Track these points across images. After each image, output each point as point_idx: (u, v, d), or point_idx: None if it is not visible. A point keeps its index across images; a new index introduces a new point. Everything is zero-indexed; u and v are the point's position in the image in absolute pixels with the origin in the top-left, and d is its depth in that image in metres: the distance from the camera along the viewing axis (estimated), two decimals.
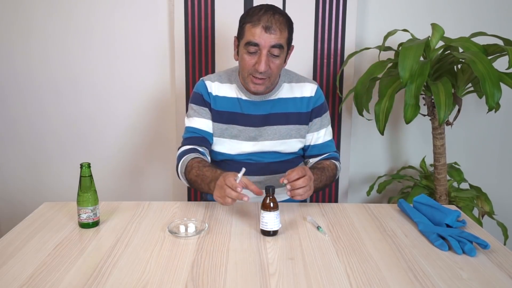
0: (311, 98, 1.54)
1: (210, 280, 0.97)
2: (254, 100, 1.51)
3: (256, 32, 1.36)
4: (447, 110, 1.62)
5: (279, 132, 1.53)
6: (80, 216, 1.23)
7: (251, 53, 1.39)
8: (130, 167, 2.28)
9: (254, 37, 1.36)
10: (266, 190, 1.19)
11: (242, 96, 1.52)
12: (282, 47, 1.38)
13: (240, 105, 1.52)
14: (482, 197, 2.05)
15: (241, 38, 1.42)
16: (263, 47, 1.36)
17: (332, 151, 1.61)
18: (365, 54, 2.10)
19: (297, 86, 1.55)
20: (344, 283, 0.97)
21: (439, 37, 1.73)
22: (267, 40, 1.36)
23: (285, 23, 1.39)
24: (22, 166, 2.29)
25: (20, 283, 0.96)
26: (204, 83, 1.53)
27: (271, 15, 1.36)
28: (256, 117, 1.52)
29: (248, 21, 1.38)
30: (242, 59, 1.42)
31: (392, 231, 1.24)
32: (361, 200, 2.33)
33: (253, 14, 1.38)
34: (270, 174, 1.56)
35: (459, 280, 0.98)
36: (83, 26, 2.12)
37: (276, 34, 1.36)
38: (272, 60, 1.39)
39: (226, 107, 1.52)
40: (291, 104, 1.53)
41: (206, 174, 1.36)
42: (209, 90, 1.52)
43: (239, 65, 1.47)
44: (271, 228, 1.18)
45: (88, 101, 2.20)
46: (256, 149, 1.53)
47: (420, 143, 2.25)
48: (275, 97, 1.52)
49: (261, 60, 1.37)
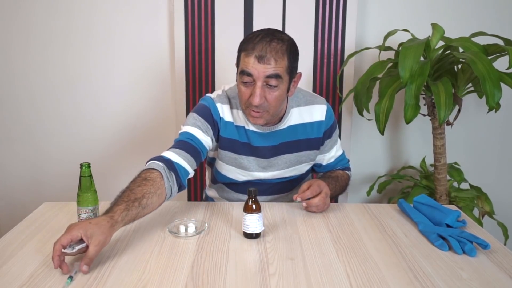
0: (322, 122, 1.44)
1: (210, 280, 0.97)
2: (263, 132, 1.40)
3: (249, 61, 1.23)
4: (447, 110, 1.62)
5: (290, 160, 1.44)
6: (80, 216, 1.22)
7: (246, 83, 1.27)
8: (130, 167, 2.28)
9: (247, 67, 1.24)
10: (248, 192, 1.16)
11: (249, 127, 1.40)
12: (279, 77, 1.24)
13: (248, 135, 1.41)
14: (482, 197, 2.05)
15: (238, 67, 1.31)
16: (257, 78, 1.24)
17: (345, 163, 1.58)
18: (365, 54, 2.10)
19: (306, 110, 1.43)
20: (344, 283, 0.97)
21: (439, 37, 1.73)
22: (260, 70, 1.23)
23: (283, 51, 1.24)
24: (22, 166, 2.29)
25: (20, 283, 0.95)
26: (215, 105, 1.39)
27: (266, 43, 1.23)
28: (266, 148, 1.42)
29: (243, 49, 1.26)
30: (239, 90, 1.31)
31: (392, 231, 1.23)
32: (361, 200, 2.33)
33: (248, 41, 1.26)
34: (277, 193, 1.53)
35: (459, 280, 0.98)
36: (82, 27, 2.12)
37: (271, 64, 1.22)
38: (268, 91, 1.26)
39: (235, 136, 1.40)
40: (301, 130, 1.43)
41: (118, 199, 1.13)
42: (221, 114, 1.39)
43: (238, 96, 1.36)
44: (253, 231, 1.16)
45: (88, 102, 2.20)
46: (265, 177, 1.47)
47: (420, 143, 2.25)
48: (284, 126, 1.41)
49: (255, 92, 1.24)
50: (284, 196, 1.55)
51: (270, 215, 1.34)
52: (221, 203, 1.44)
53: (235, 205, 1.41)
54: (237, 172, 1.45)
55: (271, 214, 1.35)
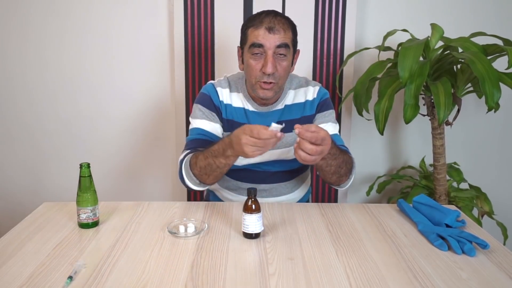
0: (314, 100, 1.50)
1: (210, 280, 0.97)
2: (261, 111, 1.47)
3: (259, 33, 1.33)
4: (447, 110, 1.62)
5: (286, 140, 1.46)
6: (79, 216, 1.23)
7: (256, 56, 1.34)
8: (130, 167, 2.28)
9: (257, 39, 1.33)
10: (248, 192, 1.16)
11: (248, 107, 1.47)
12: (288, 46, 1.35)
13: (247, 116, 1.47)
14: (482, 197, 2.05)
15: (245, 44, 1.38)
16: (268, 48, 1.32)
17: (341, 144, 1.48)
18: (365, 54, 2.10)
19: (301, 91, 1.51)
20: (344, 283, 0.97)
21: (439, 37, 1.73)
22: (271, 40, 1.32)
23: (288, 24, 1.36)
24: (21, 167, 2.29)
25: (20, 283, 0.96)
26: (215, 89, 1.48)
27: (273, 17, 1.34)
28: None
29: (250, 25, 1.36)
30: (248, 65, 1.37)
31: (391, 231, 1.24)
32: (360, 200, 2.33)
33: (254, 18, 1.36)
34: (276, 182, 1.53)
35: (458, 280, 0.98)
36: (81, 27, 2.12)
37: (280, 33, 1.33)
38: (279, 62, 1.34)
39: (236, 117, 1.47)
40: (296, 109, 1.49)
41: (215, 148, 1.27)
42: (220, 98, 1.47)
43: (245, 73, 1.43)
44: (253, 231, 1.16)
45: (87, 102, 2.20)
46: (264, 159, 1.48)
47: (420, 143, 2.25)
48: (282, 106, 1.48)
49: (267, 61, 1.32)
50: (283, 185, 1.53)
51: (270, 215, 1.34)
52: (220, 203, 1.44)
53: (235, 205, 1.41)
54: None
55: (271, 214, 1.35)
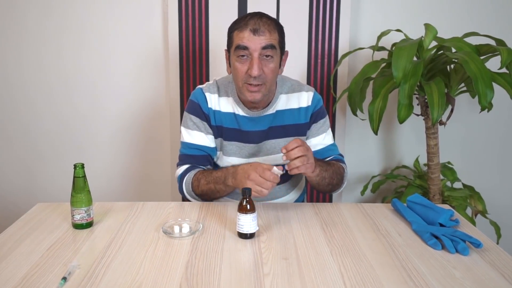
0: (308, 107, 1.48)
1: (204, 280, 0.97)
2: (252, 116, 1.45)
3: (244, 35, 1.31)
4: (440, 110, 1.63)
5: (279, 145, 1.45)
6: (73, 217, 1.22)
7: (242, 58, 1.33)
8: (124, 168, 2.27)
9: (242, 41, 1.31)
10: (243, 192, 1.16)
11: (239, 112, 1.46)
12: (274, 47, 1.33)
13: (237, 121, 1.46)
14: (475, 196, 2.06)
15: (231, 47, 1.37)
16: (253, 50, 1.31)
17: (336, 154, 1.54)
18: (359, 54, 2.11)
19: (293, 96, 1.49)
20: (338, 282, 0.97)
21: (432, 37, 1.74)
22: (256, 42, 1.30)
23: (273, 25, 1.34)
24: (15, 167, 2.27)
25: (13, 285, 0.95)
26: (204, 94, 1.46)
27: (258, 18, 1.32)
28: (255, 133, 1.46)
29: (236, 28, 1.35)
30: (234, 68, 1.36)
31: (386, 231, 1.24)
32: (355, 200, 2.34)
33: (239, 21, 1.35)
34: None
35: (452, 279, 0.99)
36: (77, 27, 2.11)
37: (266, 35, 1.31)
38: (265, 64, 1.33)
39: (225, 123, 1.46)
40: (289, 116, 1.48)
41: (218, 175, 1.34)
42: (209, 104, 1.45)
43: (232, 76, 1.42)
44: (248, 231, 1.16)
45: (82, 102, 2.19)
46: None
47: (414, 142, 2.26)
48: (273, 110, 1.47)
49: (253, 64, 1.31)
50: (277, 188, 1.52)
51: (264, 215, 1.34)
52: (215, 204, 1.44)
53: (229, 205, 1.41)
54: (227, 161, 1.48)
55: (265, 214, 1.35)
